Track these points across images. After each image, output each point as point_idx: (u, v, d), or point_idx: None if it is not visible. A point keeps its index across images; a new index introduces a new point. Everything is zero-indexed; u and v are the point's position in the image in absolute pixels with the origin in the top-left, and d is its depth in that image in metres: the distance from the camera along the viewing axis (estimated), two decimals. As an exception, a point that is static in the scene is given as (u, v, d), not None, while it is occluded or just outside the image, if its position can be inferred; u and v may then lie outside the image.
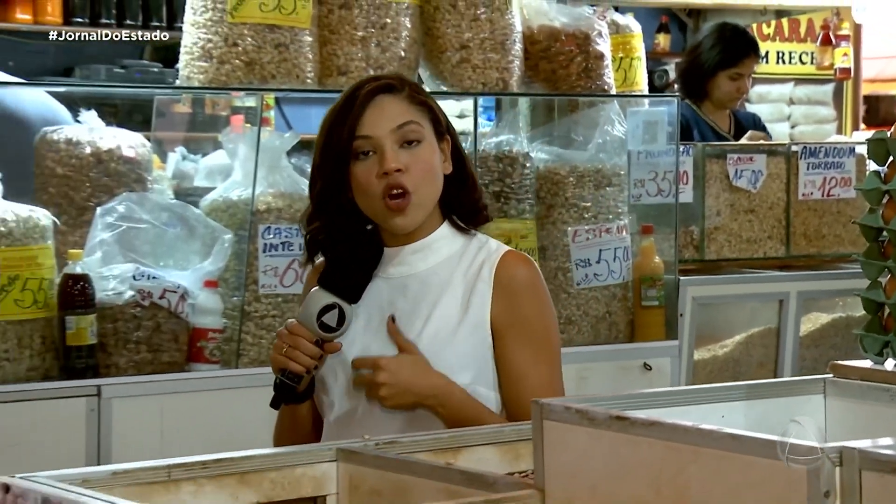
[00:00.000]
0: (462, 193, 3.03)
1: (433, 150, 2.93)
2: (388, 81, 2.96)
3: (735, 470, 2.36)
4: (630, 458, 2.53)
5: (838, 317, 5.72)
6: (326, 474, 2.90)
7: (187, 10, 4.71)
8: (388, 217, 2.89)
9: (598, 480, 2.58)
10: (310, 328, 2.81)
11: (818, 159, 5.70)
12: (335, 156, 2.89)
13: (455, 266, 3.00)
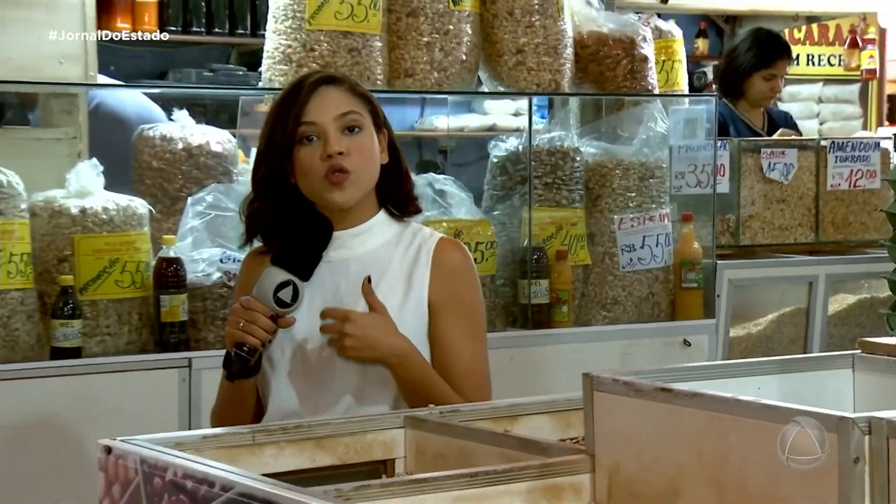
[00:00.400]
0: (396, 184, 3.03)
1: (372, 138, 2.92)
2: (331, 74, 3.03)
3: (772, 438, 2.35)
4: (673, 427, 2.53)
5: (863, 297, 5.70)
6: (395, 440, 2.91)
7: (269, 18, 4.73)
8: (326, 192, 2.88)
9: (643, 447, 2.58)
10: (266, 304, 2.76)
11: (845, 153, 5.69)
12: (281, 141, 2.87)
13: (393, 250, 3.00)
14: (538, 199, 4.96)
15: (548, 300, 4.88)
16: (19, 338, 4.10)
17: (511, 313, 4.92)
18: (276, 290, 2.73)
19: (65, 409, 3.92)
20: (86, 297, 4.19)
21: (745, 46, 6.28)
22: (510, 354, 4.74)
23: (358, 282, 2.90)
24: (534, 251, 4.89)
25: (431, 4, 4.75)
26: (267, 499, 2.29)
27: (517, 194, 5.01)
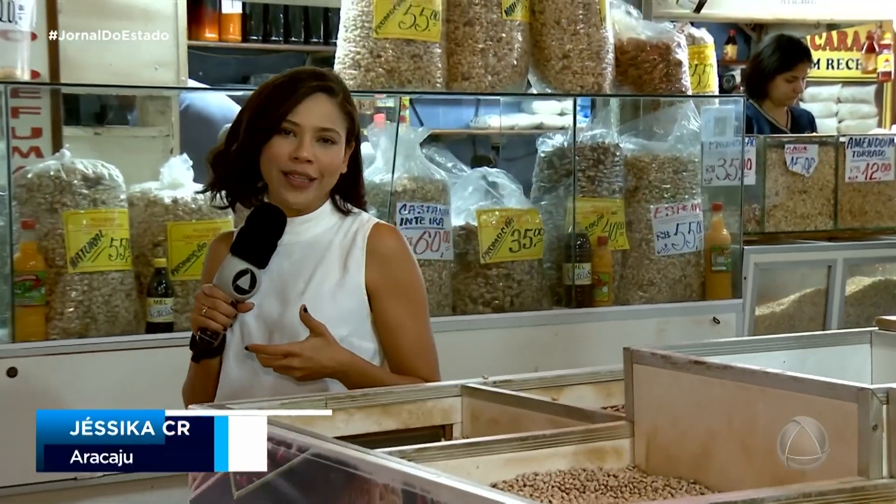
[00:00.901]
0: (349, 190, 2.91)
1: (340, 152, 2.80)
2: (330, 84, 2.82)
3: (797, 407, 2.33)
4: (706, 396, 2.51)
5: (878, 280, 5.67)
6: (452, 407, 2.90)
7: (340, 28, 4.72)
8: (284, 189, 2.77)
9: (678, 414, 2.56)
10: (226, 291, 2.67)
11: (862, 148, 5.67)
12: (264, 125, 2.75)
13: (333, 235, 2.88)
14: (581, 190, 4.94)
15: (590, 282, 4.87)
16: (119, 314, 4.14)
17: (556, 293, 4.90)
18: (236, 279, 2.66)
19: (159, 377, 3.92)
20: (177, 277, 4.21)
21: (769, 51, 6.24)
22: (555, 331, 4.74)
23: (300, 264, 2.84)
24: (577, 237, 4.87)
25: (486, 15, 4.73)
26: (339, 459, 2.29)
27: (562, 186, 4.99)
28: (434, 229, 4.56)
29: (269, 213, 2.75)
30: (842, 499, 2.18)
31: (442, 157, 4.98)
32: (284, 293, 2.81)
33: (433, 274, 4.56)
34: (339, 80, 2.87)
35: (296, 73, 2.83)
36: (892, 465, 2.21)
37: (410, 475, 2.14)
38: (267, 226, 2.74)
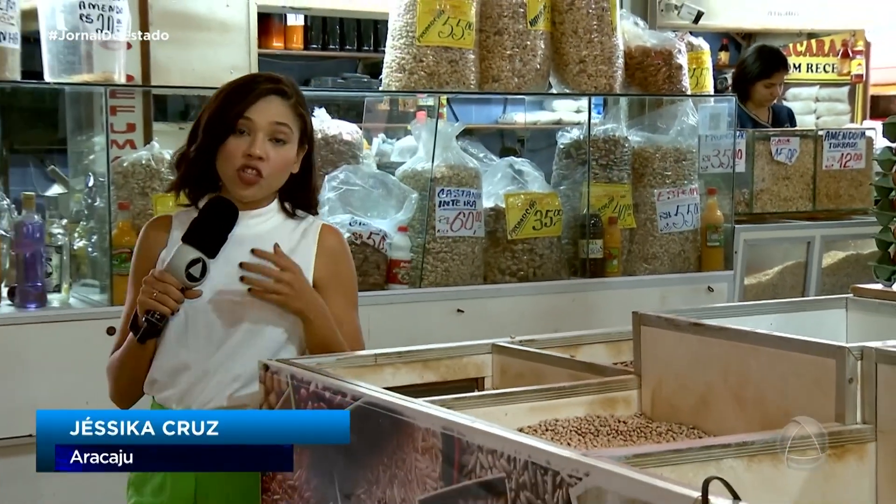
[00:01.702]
0: (300, 191, 2.63)
1: (292, 152, 2.54)
2: (283, 87, 2.56)
3: (784, 363, 2.32)
4: (704, 354, 2.50)
5: (851, 254, 5.65)
6: (484, 362, 2.90)
7: (388, 37, 4.71)
8: (236, 185, 2.51)
9: (680, 369, 2.55)
10: (178, 277, 2.41)
11: (837, 140, 5.67)
12: (221, 125, 2.50)
13: (282, 232, 2.61)
14: (595, 176, 4.93)
15: (601, 255, 4.86)
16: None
17: (573, 266, 4.89)
18: (188, 266, 2.42)
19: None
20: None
21: (751, 59, 6.23)
22: (572, 297, 4.73)
23: (247, 255, 2.54)
24: (591, 217, 4.86)
25: (513, 25, 4.71)
26: (387, 406, 2.28)
27: (578, 173, 4.98)
28: (468, 210, 4.55)
29: (222, 206, 2.51)
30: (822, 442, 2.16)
31: (474, 148, 4.98)
32: (238, 282, 2.53)
33: (467, 248, 4.56)
34: (292, 84, 2.61)
35: (251, 77, 2.65)
36: (865, 412, 2.20)
37: (448, 420, 2.13)
38: (220, 218, 2.50)
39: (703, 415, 2.48)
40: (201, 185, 2.58)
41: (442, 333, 3.39)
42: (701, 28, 5.84)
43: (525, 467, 1.95)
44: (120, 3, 4.15)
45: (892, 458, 2.17)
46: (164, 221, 2.63)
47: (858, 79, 9.20)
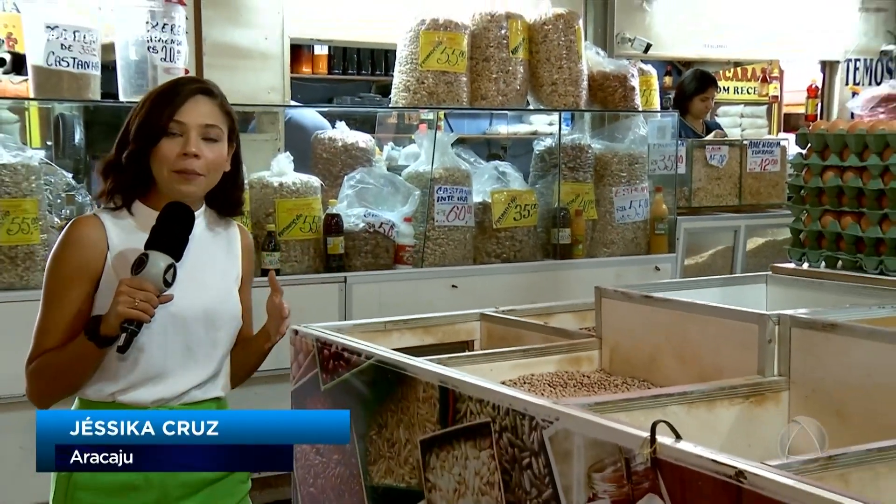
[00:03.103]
0: (230, 188, 2.22)
1: (224, 150, 2.14)
2: (208, 87, 2.18)
3: (716, 327, 2.31)
4: (652, 321, 2.49)
5: (769, 240, 5.63)
6: (474, 328, 2.89)
7: (396, 63, 4.68)
8: (175, 182, 2.09)
9: (633, 333, 2.55)
10: (156, 284, 1.97)
11: (758, 149, 5.65)
12: (152, 129, 2.08)
13: (215, 232, 2.22)
14: (564, 177, 4.89)
15: (569, 241, 4.83)
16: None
17: (546, 250, 4.87)
18: (164, 273, 1.98)
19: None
20: (282, 238, 4.18)
21: (689, 79, 6.20)
22: (545, 276, 4.71)
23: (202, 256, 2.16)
24: (561, 210, 4.83)
25: (498, 54, 4.68)
26: (394, 363, 2.27)
27: (551, 174, 4.95)
28: (461, 204, 4.53)
29: (179, 210, 2.08)
30: (746, 391, 2.16)
31: (466, 154, 4.95)
32: (197, 283, 2.13)
33: (460, 236, 4.54)
34: (215, 85, 2.23)
35: (176, 81, 2.21)
36: (780, 367, 2.21)
37: (444, 375, 2.12)
38: (179, 222, 2.07)
39: (652, 370, 2.48)
40: (134, 190, 2.13)
41: (439, 305, 3.39)
42: (649, 57, 5.80)
43: (507, 413, 1.94)
44: (180, 37, 4.15)
45: (801, 404, 2.17)
46: (96, 221, 2.11)
47: (774, 99, 9.23)
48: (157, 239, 2.02)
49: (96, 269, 2.07)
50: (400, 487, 2.18)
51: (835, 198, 2.99)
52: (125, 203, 2.14)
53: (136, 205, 2.14)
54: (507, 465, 1.93)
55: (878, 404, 2.02)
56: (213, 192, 2.19)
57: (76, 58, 3.92)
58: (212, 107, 2.14)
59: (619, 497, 1.69)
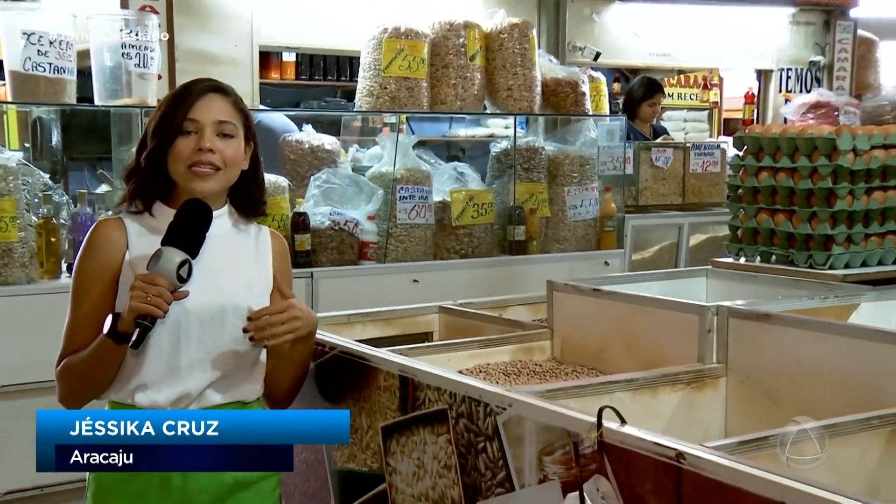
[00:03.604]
0: (251, 188, 2.11)
1: (240, 147, 2.05)
2: (221, 85, 2.09)
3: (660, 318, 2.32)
4: (601, 312, 2.50)
5: (710, 236, 5.66)
6: (433, 320, 2.89)
7: (360, 70, 4.65)
8: (190, 180, 1.99)
9: (583, 324, 2.55)
10: (169, 280, 1.87)
11: (700, 151, 5.70)
12: (167, 129, 2.00)
13: (238, 233, 2.10)
14: (519, 177, 4.90)
15: (524, 238, 4.84)
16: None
17: (502, 246, 4.87)
18: (178, 269, 1.89)
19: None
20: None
21: (637, 86, 6.23)
22: (501, 271, 4.71)
23: (220, 255, 2.04)
24: (516, 208, 4.83)
25: (456, 61, 4.67)
26: (357, 354, 2.26)
27: (506, 175, 4.95)
28: (421, 203, 4.52)
29: (197, 207, 1.99)
30: (687, 377, 2.18)
31: (427, 155, 4.95)
32: (216, 281, 2.01)
33: (421, 233, 4.53)
34: (229, 86, 2.13)
35: (189, 82, 2.11)
36: (719, 355, 2.22)
37: (404, 365, 2.12)
38: (197, 218, 1.97)
39: (600, 359, 2.48)
40: (154, 192, 2.04)
41: (401, 298, 3.36)
42: (599, 65, 5.82)
43: (463, 400, 1.94)
44: (153, 44, 4.13)
45: (738, 389, 2.19)
46: (118, 223, 2.04)
47: (715, 105, 9.31)
48: (172, 235, 1.94)
49: (116, 269, 1.99)
50: (363, 471, 2.18)
51: (769, 197, 3.02)
52: (145, 206, 2.05)
53: (157, 206, 2.05)
54: (464, 449, 1.93)
55: (806, 388, 2.05)
56: (234, 192, 2.10)
57: (52, 63, 3.89)
58: (225, 104, 2.05)
59: (568, 478, 1.69)
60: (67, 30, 3.92)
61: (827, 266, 2.88)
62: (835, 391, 1.98)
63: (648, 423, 1.96)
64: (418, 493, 2.03)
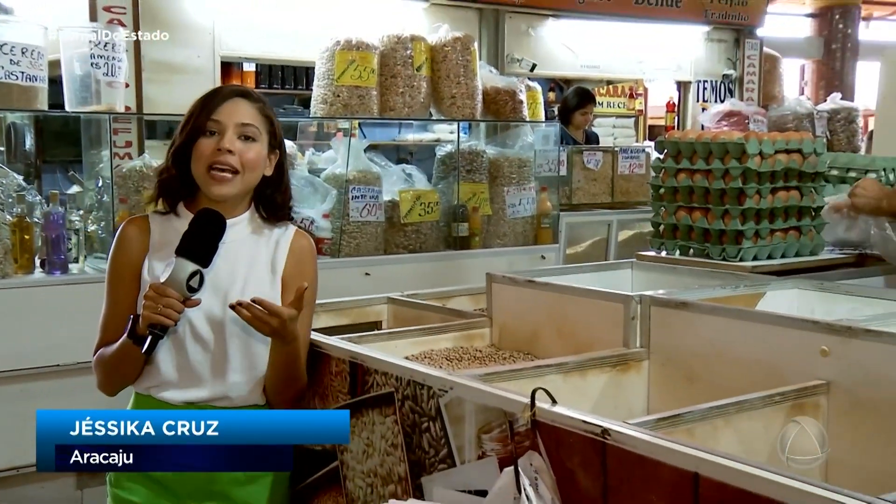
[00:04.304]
0: (275, 193, 2.02)
1: (262, 151, 1.95)
2: (247, 91, 2.02)
3: (589, 306, 2.33)
4: (535, 301, 2.50)
5: (636, 232, 5.72)
6: (382, 310, 2.88)
7: (315, 79, 4.62)
8: (208, 183, 1.92)
9: (519, 312, 2.55)
10: (179, 290, 1.81)
11: (627, 154, 5.75)
12: (193, 128, 1.93)
13: (259, 240, 2.01)
14: (462, 178, 4.90)
15: (467, 234, 4.85)
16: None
17: (447, 241, 4.87)
18: (188, 279, 1.82)
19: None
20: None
21: (571, 96, 6.27)
22: (446, 264, 4.72)
23: (233, 265, 1.96)
24: (460, 207, 4.84)
25: (404, 71, 4.66)
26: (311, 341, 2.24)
27: (451, 176, 4.95)
28: (372, 202, 4.51)
29: (210, 217, 1.89)
30: (613, 361, 2.19)
31: (378, 158, 4.93)
32: (224, 291, 1.93)
33: (372, 230, 4.52)
34: (258, 93, 2.05)
35: (218, 86, 2.08)
36: (642, 340, 2.24)
37: (354, 352, 2.11)
38: (210, 228, 1.88)
39: (535, 344, 2.49)
40: (179, 192, 1.98)
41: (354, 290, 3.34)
42: (535, 75, 5.85)
43: (408, 384, 1.93)
44: (120, 54, 4.10)
45: (659, 370, 2.21)
46: (143, 222, 1.99)
47: (640, 113, 9.41)
48: (185, 245, 1.85)
49: (138, 267, 1.93)
50: (316, 450, 2.17)
51: (687, 196, 3.06)
52: (171, 206, 1.97)
53: (181, 208, 1.97)
54: (409, 429, 1.93)
55: (719, 368, 2.08)
56: (258, 197, 2.00)
57: (24, 72, 3.82)
58: (249, 108, 1.96)
59: (504, 454, 1.70)
60: (39, 41, 3.88)
61: (738, 258, 2.92)
62: (743, 371, 2.02)
63: (577, 402, 1.98)
64: (367, 470, 2.03)
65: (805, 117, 6.65)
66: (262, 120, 1.97)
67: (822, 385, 1.87)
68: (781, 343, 1.95)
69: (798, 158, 2.99)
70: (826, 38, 9.30)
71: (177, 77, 4.68)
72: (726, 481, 1.33)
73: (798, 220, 3.05)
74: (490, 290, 2.63)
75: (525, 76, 5.63)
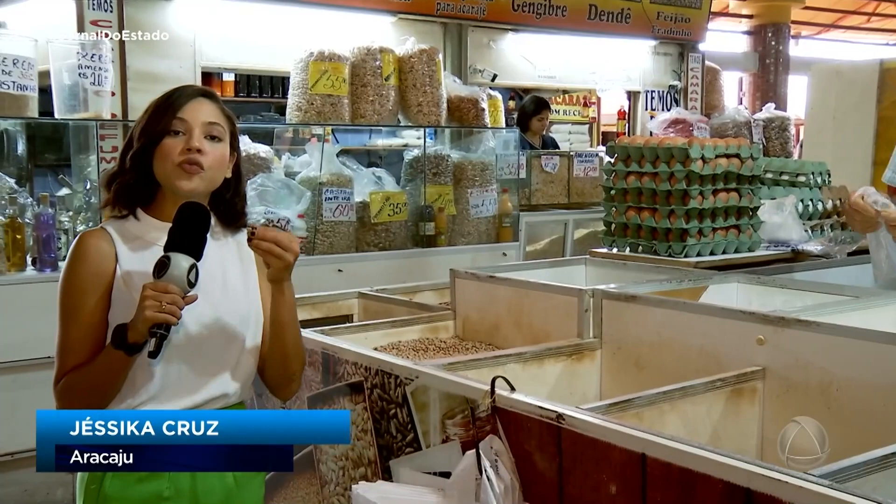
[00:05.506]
0: (232, 196, 1.79)
1: (226, 151, 1.74)
2: (210, 91, 1.80)
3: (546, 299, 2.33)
4: (496, 295, 2.50)
5: (590, 230, 5.73)
6: (353, 304, 2.86)
7: (290, 88, 4.58)
8: (177, 178, 1.67)
9: (481, 306, 2.55)
10: (181, 286, 1.57)
11: (582, 159, 5.76)
12: (155, 129, 1.69)
13: (225, 240, 1.79)
14: (429, 181, 4.89)
15: (434, 233, 4.84)
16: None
17: (415, 240, 4.86)
18: (188, 273, 1.58)
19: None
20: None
21: (528, 103, 6.26)
22: (414, 261, 4.71)
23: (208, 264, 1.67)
24: (426, 207, 4.83)
25: (374, 81, 4.64)
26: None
27: (418, 178, 4.93)
28: (345, 203, 4.48)
29: (195, 209, 1.66)
30: (568, 350, 2.19)
31: (350, 162, 4.91)
32: (206, 291, 1.68)
33: (344, 229, 4.50)
34: (217, 93, 1.84)
35: (177, 87, 1.80)
36: (594, 331, 2.24)
37: (326, 343, 2.09)
38: (198, 219, 1.65)
39: (496, 335, 2.49)
40: (137, 196, 1.72)
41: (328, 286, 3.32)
42: (496, 85, 5.85)
43: (377, 373, 1.92)
44: (107, 65, 4.05)
45: (611, 359, 2.22)
46: (103, 233, 1.70)
47: (593, 120, 9.44)
48: (176, 240, 1.62)
49: (108, 280, 1.66)
50: (292, 436, 2.14)
51: (636, 197, 3.07)
52: (129, 209, 1.72)
53: (140, 213, 1.72)
54: (378, 415, 1.91)
55: (665, 357, 2.09)
56: (216, 202, 1.76)
57: (16, 81, 3.77)
58: (214, 107, 1.75)
59: (466, 438, 1.69)
60: (29, 52, 3.83)
61: (683, 255, 2.94)
62: (688, 359, 2.03)
63: (535, 389, 1.98)
64: (339, 454, 2.02)
65: (743, 125, 6.72)
66: (226, 120, 1.78)
67: (759, 371, 1.88)
68: (722, 332, 1.96)
69: (737, 162, 3.02)
70: (761, 53, 9.43)
71: (160, 86, 4.54)
72: (671, 461, 1.33)
73: (737, 220, 3.08)
74: (454, 285, 2.63)
75: (487, 86, 5.63)
